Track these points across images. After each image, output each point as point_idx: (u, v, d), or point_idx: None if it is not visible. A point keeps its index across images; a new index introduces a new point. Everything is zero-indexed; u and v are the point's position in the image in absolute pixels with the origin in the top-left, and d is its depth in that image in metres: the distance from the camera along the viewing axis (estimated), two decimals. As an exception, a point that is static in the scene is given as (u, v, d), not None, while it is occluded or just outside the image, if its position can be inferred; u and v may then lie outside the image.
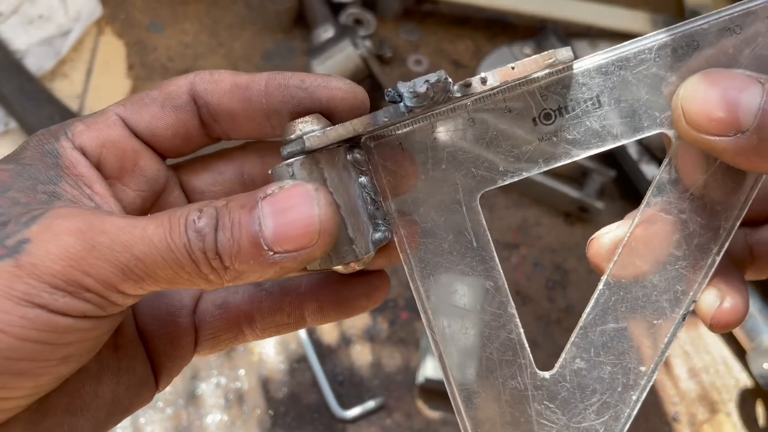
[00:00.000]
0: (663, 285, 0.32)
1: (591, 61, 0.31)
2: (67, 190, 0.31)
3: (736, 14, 0.30)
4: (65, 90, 1.13)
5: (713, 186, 0.31)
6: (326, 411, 0.91)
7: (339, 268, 0.32)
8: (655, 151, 1.14)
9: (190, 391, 0.91)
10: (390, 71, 1.24)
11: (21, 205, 0.28)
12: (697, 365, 1.03)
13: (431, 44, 1.29)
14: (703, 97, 0.28)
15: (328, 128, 0.31)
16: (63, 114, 1.04)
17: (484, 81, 0.30)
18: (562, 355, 0.32)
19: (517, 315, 0.32)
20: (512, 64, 0.30)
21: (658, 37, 0.31)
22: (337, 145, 0.31)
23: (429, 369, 0.90)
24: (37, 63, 1.12)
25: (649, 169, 1.12)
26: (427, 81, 0.30)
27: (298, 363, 0.94)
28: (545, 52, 0.30)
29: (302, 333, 0.96)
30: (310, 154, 0.31)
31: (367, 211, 0.32)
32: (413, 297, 0.34)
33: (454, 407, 0.32)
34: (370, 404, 0.92)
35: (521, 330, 0.32)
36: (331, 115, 0.32)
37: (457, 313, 0.33)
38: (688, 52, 0.30)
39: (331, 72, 1.05)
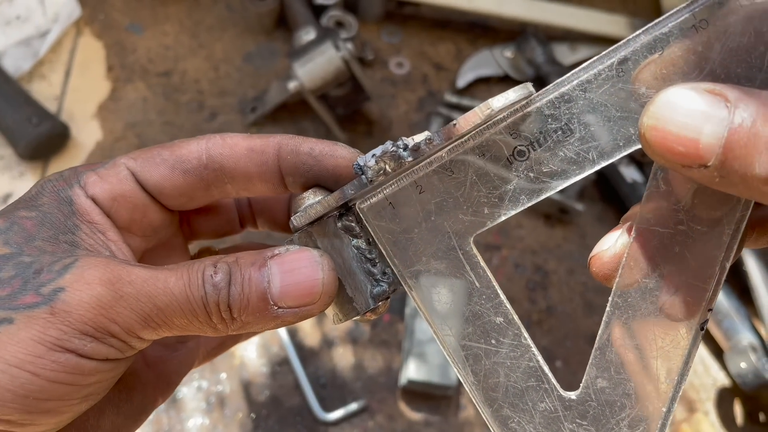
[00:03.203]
0: (672, 299, 0.31)
1: (554, 89, 0.31)
2: (84, 238, 0.34)
3: (698, 9, 0.28)
4: (43, 91, 1.11)
5: (708, 193, 0.29)
6: (308, 414, 0.91)
7: (357, 318, 0.36)
8: (634, 154, 1.15)
9: (171, 395, 0.90)
10: (372, 74, 1.25)
11: (48, 254, 0.31)
12: (676, 365, 1.04)
13: (413, 47, 1.30)
14: (664, 128, 0.26)
15: (310, 207, 0.34)
16: (41, 115, 1.03)
17: (429, 142, 0.32)
18: (584, 377, 0.32)
19: (533, 344, 0.33)
20: (454, 121, 0.31)
21: (618, 52, 0.30)
22: (327, 217, 0.35)
23: (411, 371, 0.90)
24: (14, 64, 1.11)
25: (628, 172, 1.13)
26: (374, 155, 0.32)
27: (279, 366, 0.94)
28: (484, 103, 0.31)
29: (284, 336, 0.96)
30: (304, 228, 0.35)
31: (363, 269, 0.35)
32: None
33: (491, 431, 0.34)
34: (353, 406, 0.92)
35: (540, 357, 0.33)
36: (337, 180, 0.36)
37: (477, 352, 0.34)
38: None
39: (313, 74, 1.05)
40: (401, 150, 0.32)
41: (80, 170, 0.35)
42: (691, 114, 0.25)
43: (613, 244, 0.33)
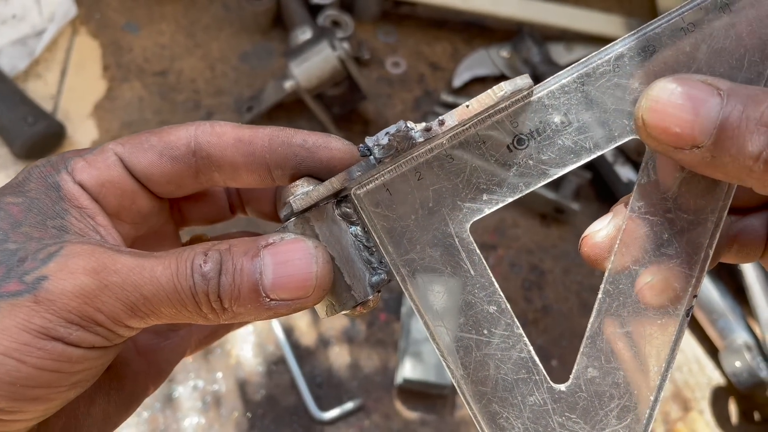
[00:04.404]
0: (660, 285, 0.32)
1: (554, 82, 0.32)
2: (74, 223, 0.33)
3: (686, 12, 0.30)
4: (39, 90, 1.11)
5: (693, 183, 0.31)
6: (305, 413, 0.91)
7: (347, 313, 0.35)
8: (629, 153, 1.15)
9: (166, 395, 0.90)
10: (368, 73, 1.25)
11: (35, 240, 0.30)
12: (671, 364, 1.04)
13: (409, 46, 1.30)
14: (662, 110, 0.28)
15: (311, 189, 0.33)
16: (37, 115, 1.03)
17: (442, 123, 0.32)
18: (575, 366, 0.33)
19: (524, 334, 0.33)
20: (467, 102, 0.32)
21: (614, 48, 0.32)
22: (324, 203, 0.34)
23: (407, 370, 0.90)
24: (10, 63, 1.10)
25: (624, 171, 1.14)
26: (387, 133, 0.32)
27: (275, 365, 0.94)
28: (496, 86, 0.32)
29: (280, 335, 0.96)
30: (301, 214, 0.34)
31: (361, 257, 0.34)
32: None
33: (479, 430, 0.34)
34: (349, 406, 0.92)
35: (531, 348, 0.33)
36: (330, 172, 0.34)
37: (468, 343, 0.34)
38: (646, 57, 0.31)
39: (309, 73, 1.05)
40: (413, 131, 0.32)
41: (68, 156, 0.35)
42: (688, 98, 0.27)
43: (605, 226, 0.34)
